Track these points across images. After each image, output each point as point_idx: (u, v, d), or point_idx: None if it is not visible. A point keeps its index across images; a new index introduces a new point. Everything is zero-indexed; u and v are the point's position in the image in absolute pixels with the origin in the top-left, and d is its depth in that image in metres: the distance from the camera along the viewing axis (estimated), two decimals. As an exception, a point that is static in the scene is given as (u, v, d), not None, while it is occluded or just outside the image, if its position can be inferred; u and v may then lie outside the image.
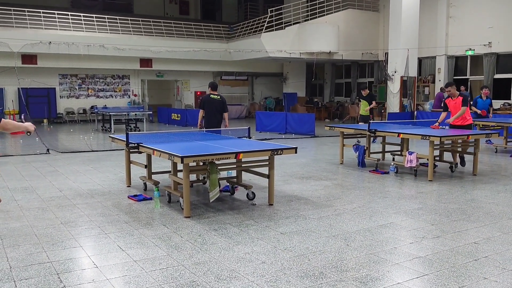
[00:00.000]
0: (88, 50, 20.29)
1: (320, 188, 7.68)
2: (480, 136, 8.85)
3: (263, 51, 21.01)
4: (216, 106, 9.23)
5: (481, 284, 3.86)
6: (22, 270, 4.16)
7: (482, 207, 6.44)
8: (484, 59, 18.58)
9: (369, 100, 14.06)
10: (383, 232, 5.28)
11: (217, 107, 9.24)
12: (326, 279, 3.96)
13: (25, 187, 7.74)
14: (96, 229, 5.42)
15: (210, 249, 4.72)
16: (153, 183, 7.10)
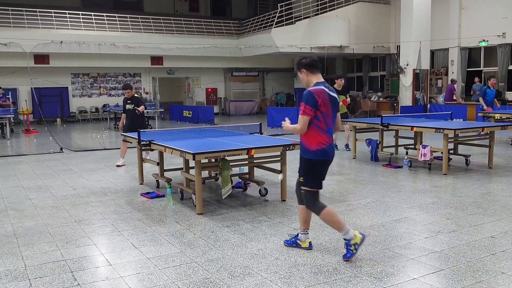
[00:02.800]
0: (99, 49, 20.39)
1: (333, 183, 7.63)
2: (495, 128, 8.71)
3: (274, 47, 20.94)
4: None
5: (499, 278, 3.80)
6: (36, 268, 4.19)
7: (499, 200, 6.34)
8: (498, 50, 18.30)
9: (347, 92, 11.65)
10: (398, 227, 5.22)
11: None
12: (340, 275, 3.92)
13: (39, 185, 7.79)
14: (110, 226, 5.44)
15: (223, 245, 4.70)
16: (165, 180, 7.10)
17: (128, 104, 9.65)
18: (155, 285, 3.80)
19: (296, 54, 22.69)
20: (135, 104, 9.57)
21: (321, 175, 4.31)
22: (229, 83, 26.75)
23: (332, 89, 4.36)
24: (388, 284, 3.72)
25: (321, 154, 4.21)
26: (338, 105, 4.37)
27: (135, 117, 9.55)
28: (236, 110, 25.42)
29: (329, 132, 4.23)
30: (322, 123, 4.18)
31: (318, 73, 4.33)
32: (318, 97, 4.14)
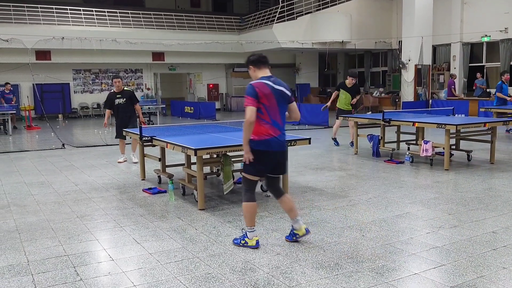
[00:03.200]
0: (100, 45, 20.38)
1: (335, 179, 7.63)
2: (497, 123, 8.70)
3: (275, 42, 20.90)
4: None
5: (500, 274, 3.80)
6: (39, 263, 4.21)
7: (500, 195, 6.34)
8: (501, 45, 18.25)
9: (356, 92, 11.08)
10: (399, 222, 5.23)
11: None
12: (341, 270, 3.93)
13: (41, 181, 7.81)
14: (112, 222, 5.46)
15: (225, 241, 4.71)
16: (167, 176, 7.12)
17: (117, 98, 9.11)
18: (157, 280, 3.81)
19: (298, 49, 22.68)
20: (127, 98, 9.09)
21: (259, 164, 4.45)
22: (231, 79, 26.73)
23: (281, 83, 4.50)
24: (389, 279, 3.73)
25: (261, 144, 4.37)
26: (287, 98, 4.49)
27: (127, 112, 9.11)
28: (238, 106, 25.40)
29: (274, 124, 4.39)
30: (265, 115, 4.35)
31: (265, 69, 4.52)
32: (258, 89, 4.31)
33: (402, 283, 3.67)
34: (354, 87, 10.91)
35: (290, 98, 4.54)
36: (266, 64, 4.54)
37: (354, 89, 10.90)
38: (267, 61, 4.56)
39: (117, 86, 9.17)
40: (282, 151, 4.53)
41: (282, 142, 4.50)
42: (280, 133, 4.46)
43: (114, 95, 9.21)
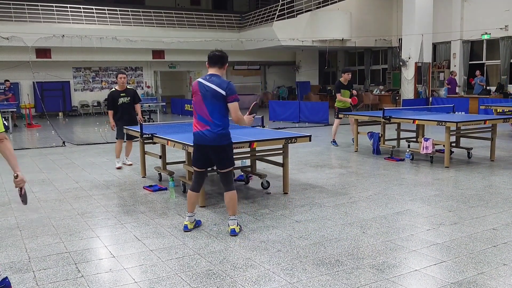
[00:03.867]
0: (100, 43, 20.37)
1: (335, 176, 7.64)
2: (497, 121, 8.70)
3: (275, 40, 20.89)
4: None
5: (500, 270, 3.81)
6: (40, 260, 4.22)
7: (501, 193, 6.35)
8: (501, 43, 18.23)
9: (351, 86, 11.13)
10: (400, 219, 5.24)
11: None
12: (342, 267, 3.94)
13: (42, 179, 7.82)
14: (113, 219, 5.47)
15: (225, 238, 4.72)
16: (168, 173, 7.12)
17: (121, 97, 8.47)
18: (158, 276, 3.82)
19: (298, 47, 22.66)
20: (131, 97, 8.55)
21: (196, 157, 4.90)
22: (231, 77, 26.71)
23: (214, 81, 4.70)
24: (390, 276, 3.74)
25: (193, 137, 4.83)
26: (218, 95, 4.64)
27: (130, 112, 8.57)
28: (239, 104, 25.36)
29: (199, 119, 4.71)
30: (194, 110, 4.77)
31: (212, 67, 4.79)
32: (192, 86, 4.83)
33: (402, 280, 3.68)
34: (350, 82, 11.01)
35: (225, 97, 4.66)
36: (212, 64, 4.78)
37: (350, 84, 10.98)
38: (214, 60, 4.78)
39: (122, 82, 8.49)
40: (209, 145, 4.71)
41: (208, 137, 4.69)
42: (207, 128, 4.67)
43: (117, 93, 8.50)
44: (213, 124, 4.66)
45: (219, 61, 4.79)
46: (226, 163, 4.81)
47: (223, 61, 4.82)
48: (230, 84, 4.73)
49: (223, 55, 4.85)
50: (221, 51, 4.88)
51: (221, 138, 4.71)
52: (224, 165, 4.82)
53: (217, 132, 4.68)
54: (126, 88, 8.61)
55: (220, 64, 4.80)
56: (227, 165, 4.82)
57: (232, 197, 4.84)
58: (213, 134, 4.68)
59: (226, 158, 4.80)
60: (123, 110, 8.52)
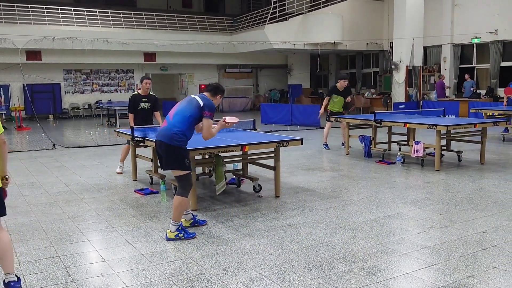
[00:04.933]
0: (92, 45, 20.29)
1: (327, 179, 7.66)
2: (487, 124, 8.78)
3: (267, 43, 20.91)
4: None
5: (490, 273, 3.84)
6: (30, 264, 4.18)
7: (490, 196, 6.40)
8: (490, 47, 18.41)
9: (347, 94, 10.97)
10: (391, 223, 5.26)
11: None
12: (333, 270, 3.95)
13: (32, 182, 7.77)
14: (104, 223, 5.44)
15: (217, 241, 4.72)
16: (159, 176, 7.10)
17: (143, 102, 8.17)
18: (150, 281, 3.81)
19: (290, 50, 22.71)
20: (152, 104, 8.23)
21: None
22: (223, 80, 26.71)
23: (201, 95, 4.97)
24: (381, 279, 3.76)
25: None
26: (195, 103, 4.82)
27: (149, 118, 8.27)
28: (230, 107, 25.39)
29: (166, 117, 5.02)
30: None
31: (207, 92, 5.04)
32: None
33: (393, 283, 3.70)
34: (346, 89, 10.84)
35: (201, 108, 4.80)
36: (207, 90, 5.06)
37: (346, 92, 10.82)
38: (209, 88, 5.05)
39: (146, 88, 8.19)
40: (157, 140, 4.90)
41: (161, 133, 4.87)
42: (165, 125, 4.88)
43: (139, 98, 8.21)
44: (171, 124, 4.81)
45: (212, 89, 5.03)
46: (169, 165, 4.90)
47: (216, 91, 5.04)
48: (211, 103, 4.89)
49: (218, 86, 5.10)
50: (218, 84, 5.14)
51: (171, 138, 4.76)
52: (166, 166, 4.94)
53: (170, 130, 4.79)
54: (149, 94, 8.32)
55: (213, 93, 5.02)
56: (169, 167, 4.91)
57: (179, 202, 4.79)
58: (166, 131, 4.82)
59: (170, 160, 4.84)
60: (142, 116, 8.24)
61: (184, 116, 4.80)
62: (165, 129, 4.85)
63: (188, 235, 4.80)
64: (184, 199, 4.84)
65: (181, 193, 4.84)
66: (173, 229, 4.78)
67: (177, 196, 4.83)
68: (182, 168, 4.84)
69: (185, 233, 4.80)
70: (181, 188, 4.87)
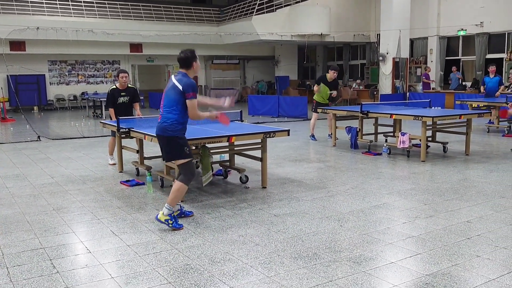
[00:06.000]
0: (76, 36, 20.00)
1: (313, 170, 7.68)
2: (472, 116, 8.86)
3: (254, 34, 20.84)
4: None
5: (474, 261, 3.89)
6: (14, 256, 4.14)
7: (475, 186, 6.47)
8: (476, 39, 18.55)
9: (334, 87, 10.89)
10: (376, 213, 5.30)
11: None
12: (319, 260, 3.96)
13: (16, 174, 7.67)
14: (89, 214, 5.39)
15: (203, 232, 4.71)
16: (145, 168, 7.06)
17: (122, 96, 8.13)
18: (135, 271, 3.79)
19: (277, 42, 22.65)
20: (131, 97, 8.20)
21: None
22: (210, 71, 26.60)
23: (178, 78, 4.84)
24: (366, 268, 3.78)
25: None
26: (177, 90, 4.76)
27: (128, 111, 8.19)
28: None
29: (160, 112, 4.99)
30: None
31: (180, 67, 4.94)
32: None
33: (379, 272, 3.73)
34: (334, 81, 10.82)
35: (182, 92, 4.75)
36: (180, 66, 4.92)
37: (334, 84, 10.81)
38: (181, 63, 4.91)
39: (123, 82, 8.12)
40: (157, 134, 5.00)
41: (157, 127, 4.95)
42: (159, 118, 4.94)
43: (118, 92, 8.15)
44: (164, 116, 4.87)
45: (185, 63, 4.90)
46: (168, 155, 5.02)
47: (188, 62, 4.89)
48: (189, 81, 4.80)
49: (187, 55, 4.90)
50: (185, 52, 4.94)
51: (165, 129, 4.84)
52: (166, 157, 5.07)
53: (163, 123, 4.85)
54: (127, 87, 8.25)
55: (186, 66, 4.90)
56: (169, 157, 5.02)
57: (178, 188, 4.84)
58: (161, 124, 4.89)
59: (168, 150, 4.96)
60: (121, 110, 8.11)
61: (172, 106, 4.82)
62: (160, 123, 4.91)
63: (176, 225, 4.79)
64: (184, 186, 4.88)
65: (182, 179, 4.89)
66: (166, 212, 4.79)
67: (177, 181, 4.89)
68: (182, 157, 4.88)
69: (175, 222, 4.80)
70: (183, 175, 4.91)
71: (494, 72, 13.14)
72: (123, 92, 8.18)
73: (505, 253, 4.05)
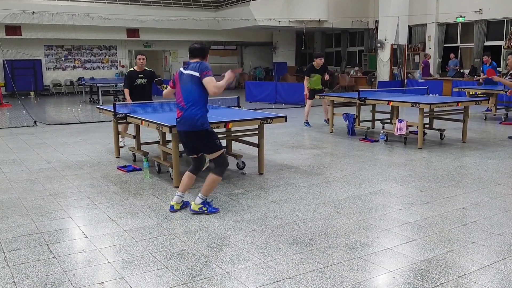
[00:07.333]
0: (73, 20, 19.84)
1: (310, 157, 7.68)
2: (469, 103, 8.85)
3: (252, 20, 20.70)
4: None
5: (469, 248, 3.91)
6: (11, 241, 4.14)
7: (471, 173, 6.49)
8: (475, 26, 18.46)
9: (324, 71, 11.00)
10: (373, 199, 5.31)
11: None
12: (316, 246, 3.98)
13: (12, 159, 7.65)
14: (86, 200, 5.39)
15: (200, 218, 4.71)
16: (142, 153, 7.05)
17: (139, 78, 8.29)
18: (132, 256, 3.80)
19: (275, 28, 22.50)
20: (148, 79, 8.35)
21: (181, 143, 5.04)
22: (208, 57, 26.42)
23: (192, 67, 4.73)
24: (362, 254, 3.80)
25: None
26: (195, 79, 4.64)
27: (146, 93, 8.42)
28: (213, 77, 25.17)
29: (178, 107, 4.79)
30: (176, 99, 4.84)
31: (192, 58, 4.81)
32: (174, 77, 4.92)
33: (374, 258, 3.75)
34: (323, 67, 10.89)
35: (199, 78, 4.64)
36: (193, 57, 4.79)
37: (323, 69, 10.89)
38: (195, 54, 4.78)
39: (140, 63, 8.33)
40: (183, 131, 4.79)
41: (183, 123, 4.75)
42: (182, 114, 4.73)
43: (135, 74, 8.32)
44: (186, 110, 4.68)
45: (200, 54, 4.77)
46: (207, 148, 4.81)
47: (203, 53, 4.80)
48: (202, 63, 4.72)
49: (203, 47, 4.82)
50: (200, 43, 4.85)
51: (194, 125, 4.68)
52: (206, 151, 4.84)
53: (191, 118, 4.66)
54: (144, 69, 8.42)
55: (202, 56, 4.79)
56: (209, 150, 4.81)
57: (213, 180, 4.81)
58: (188, 120, 4.69)
59: (202, 145, 4.80)
60: (139, 92, 8.30)
61: (194, 98, 4.67)
62: (185, 118, 4.68)
63: (212, 209, 4.85)
64: (219, 178, 4.86)
65: (218, 172, 4.84)
66: (199, 201, 4.82)
67: (213, 174, 4.81)
68: (216, 149, 4.81)
69: (209, 207, 4.85)
70: (219, 167, 4.85)
71: (489, 61, 13.27)
72: (141, 74, 8.32)
73: (500, 240, 4.07)
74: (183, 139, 4.90)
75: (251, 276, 3.44)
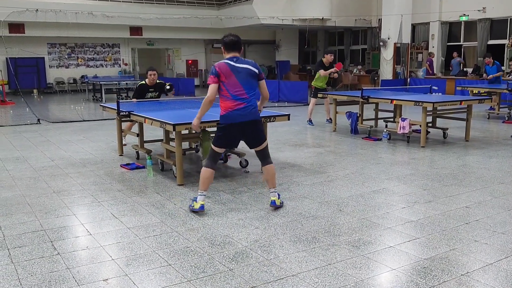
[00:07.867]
0: (76, 18, 19.89)
1: (313, 155, 7.69)
2: (473, 102, 8.84)
3: (255, 18, 20.69)
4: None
5: (472, 246, 3.91)
6: (15, 238, 4.16)
7: (474, 172, 6.48)
8: (478, 24, 18.42)
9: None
10: (376, 198, 5.32)
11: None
12: (318, 243, 3.99)
13: (16, 157, 7.68)
14: (89, 197, 5.41)
15: (203, 215, 4.73)
16: (145, 151, 7.06)
17: (150, 92, 8.27)
18: (136, 253, 3.81)
19: (278, 26, 22.50)
20: (159, 92, 8.35)
21: (225, 137, 4.85)
22: (210, 55, 26.46)
23: (246, 62, 4.81)
24: (365, 252, 3.81)
25: (225, 118, 4.75)
26: (253, 74, 4.78)
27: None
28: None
29: (234, 98, 4.71)
30: (225, 91, 4.71)
31: (233, 52, 4.81)
32: (218, 68, 4.71)
33: (377, 256, 3.75)
34: (332, 64, 10.93)
35: (258, 75, 4.84)
36: (235, 50, 4.82)
37: (331, 67, 10.87)
38: (237, 47, 4.82)
39: (152, 79, 8.25)
40: (245, 121, 4.75)
41: (246, 114, 4.73)
42: (244, 104, 4.72)
43: (147, 88, 8.28)
44: (249, 101, 4.76)
45: (239, 47, 4.87)
46: (262, 137, 4.95)
47: (240, 45, 4.90)
48: (256, 64, 4.94)
49: (239, 40, 4.90)
50: (234, 35, 4.90)
51: (257, 114, 4.86)
52: (260, 140, 4.93)
53: (254, 108, 4.80)
54: (156, 83, 8.38)
55: (238, 49, 4.87)
56: (263, 138, 4.97)
57: (274, 170, 5.01)
58: (250, 110, 4.77)
59: (262, 132, 4.97)
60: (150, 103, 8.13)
61: (255, 90, 4.85)
62: (249, 108, 4.73)
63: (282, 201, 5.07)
64: (272, 165, 5.00)
65: (271, 161, 5.02)
66: (278, 196, 4.96)
67: (270, 165, 4.96)
68: (265, 138, 5.06)
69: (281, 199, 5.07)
70: (269, 156, 5.02)
71: (491, 62, 13.28)
72: (151, 88, 8.33)
73: (503, 238, 4.07)
74: (238, 131, 4.78)
75: (254, 274, 3.45)
